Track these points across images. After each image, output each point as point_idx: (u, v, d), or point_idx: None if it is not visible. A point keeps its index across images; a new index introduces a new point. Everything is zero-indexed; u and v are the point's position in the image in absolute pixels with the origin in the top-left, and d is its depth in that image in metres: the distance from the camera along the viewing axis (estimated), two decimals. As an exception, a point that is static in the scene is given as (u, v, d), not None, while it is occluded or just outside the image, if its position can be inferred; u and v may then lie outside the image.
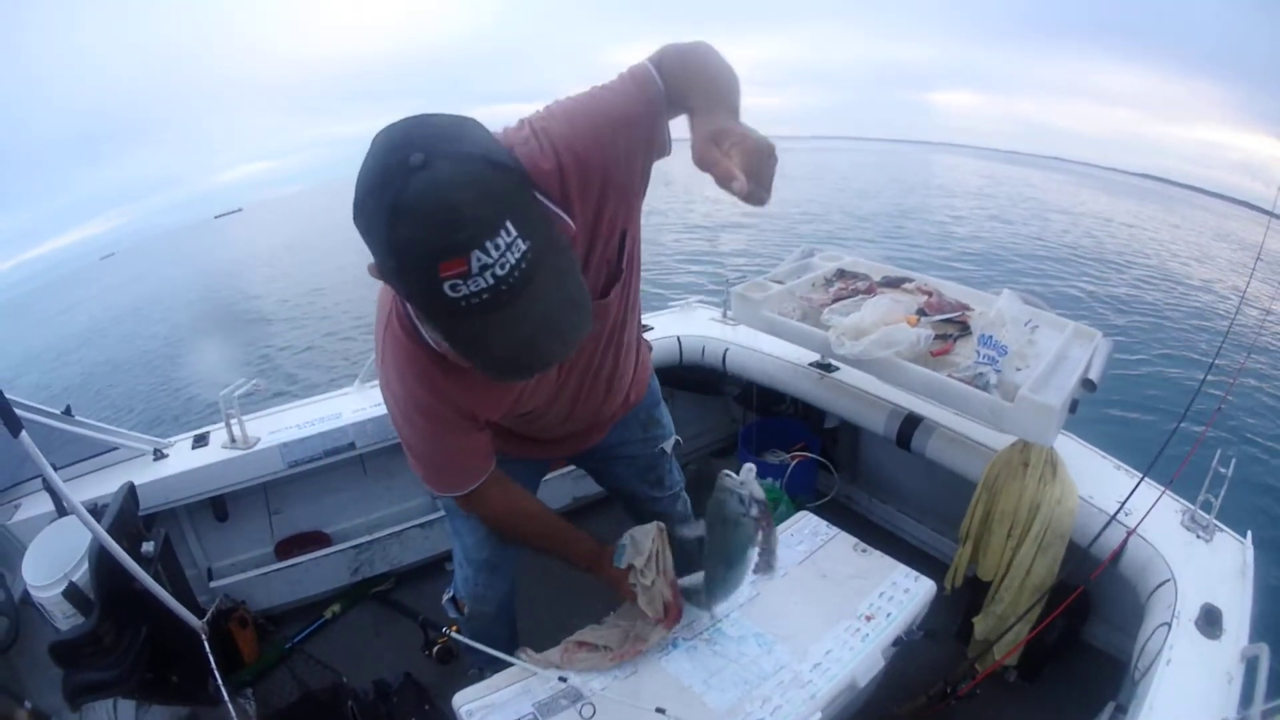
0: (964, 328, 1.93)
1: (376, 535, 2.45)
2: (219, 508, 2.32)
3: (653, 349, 1.61)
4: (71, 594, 1.47)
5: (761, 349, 2.50)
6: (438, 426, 1.12)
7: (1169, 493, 1.78)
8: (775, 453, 2.71)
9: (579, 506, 2.76)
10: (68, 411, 1.95)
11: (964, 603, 2.08)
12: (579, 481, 2.70)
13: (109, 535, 1.31)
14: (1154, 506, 1.70)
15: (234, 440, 2.19)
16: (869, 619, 1.42)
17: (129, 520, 1.66)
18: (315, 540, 2.49)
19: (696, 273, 9.44)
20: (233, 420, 2.18)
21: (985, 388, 1.69)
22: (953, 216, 17.62)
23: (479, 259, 0.71)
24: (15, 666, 1.68)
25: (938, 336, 1.88)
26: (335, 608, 2.41)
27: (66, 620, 1.49)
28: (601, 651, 1.31)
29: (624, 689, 1.27)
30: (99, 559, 1.39)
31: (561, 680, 1.26)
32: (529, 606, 1.78)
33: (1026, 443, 1.80)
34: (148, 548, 1.60)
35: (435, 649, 1.97)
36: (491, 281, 0.72)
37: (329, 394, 2.48)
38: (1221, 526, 1.73)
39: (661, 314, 2.92)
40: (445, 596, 1.70)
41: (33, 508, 1.88)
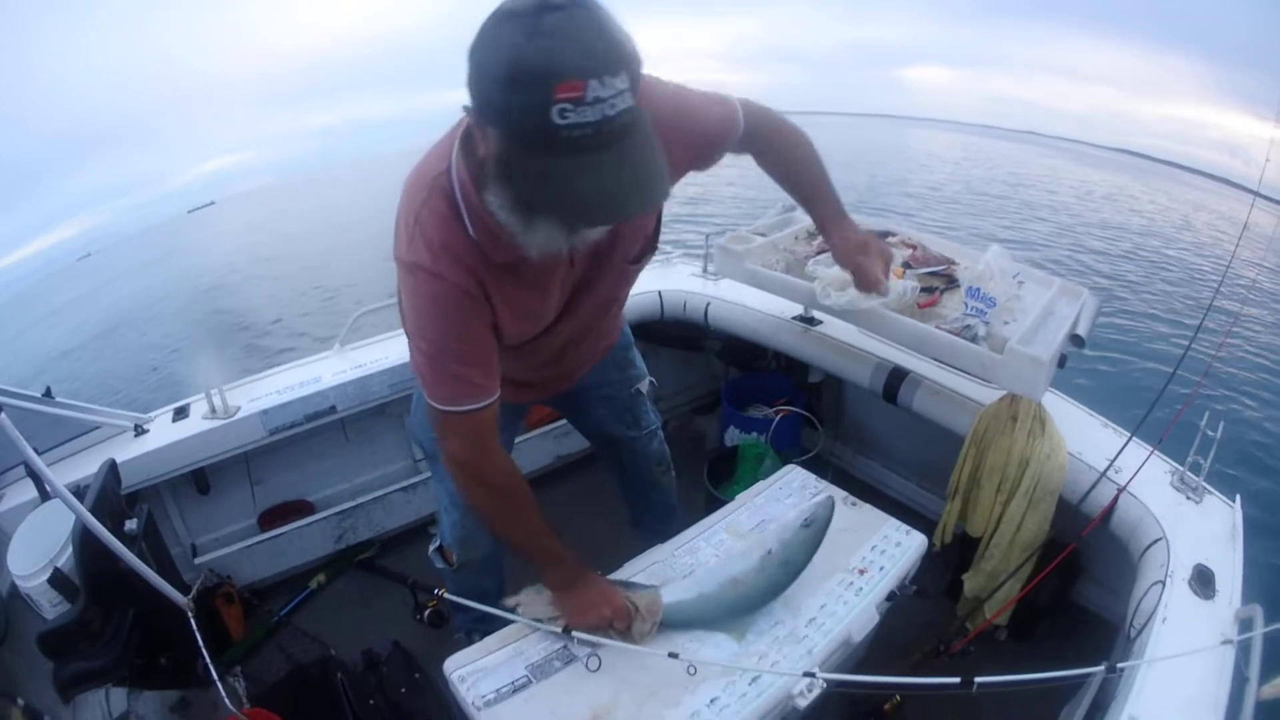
0: (950, 280, 1.91)
1: (360, 501, 2.43)
2: (201, 481, 2.28)
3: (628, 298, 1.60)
4: (57, 580, 1.44)
5: (744, 303, 2.48)
6: (455, 307, 1.08)
7: (1158, 453, 1.78)
8: (759, 407, 2.69)
9: (562, 465, 2.77)
10: (48, 393, 1.91)
11: (953, 560, 2.09)
12: (561, 440, 2.72)
13: (92, 516, 1.28)
14: (1143, 466, 1.70)
15: (214, 410, 2.15)
16: (862, 573, 1.42)
17: (111, 499, 1.62)
18: (298, 509, 2.46)
19: (678, 229, 9.30)
20: (213, 390, 2.14)
21: (973, 340, 1.67)
22: (930, 187, 17.64)
23: (594, 89, 0.75)
24: (7, 663, 1.65)
25: (924, 289, 1.86)
26: (320, 578, 2.39)
27: (54, 609, 1.46)
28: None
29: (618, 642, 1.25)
30: (83, 542, 1.35)
31: (566, 632, 1.23)
32: (517, 563, 1.76)
33: (1015, 397, 1.79)
34: (131, 525, 1.56)
35: (427, 613, 1.95)
36: (597, 118, 0.76)
37: (308, 358, 2.44)
38: (1210, 489, 1.73)
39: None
40: (432, 547, 1.69)
41: (17, 496, 1.84)
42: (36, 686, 1.55)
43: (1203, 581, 1.46)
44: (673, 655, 1.16)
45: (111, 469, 1.70)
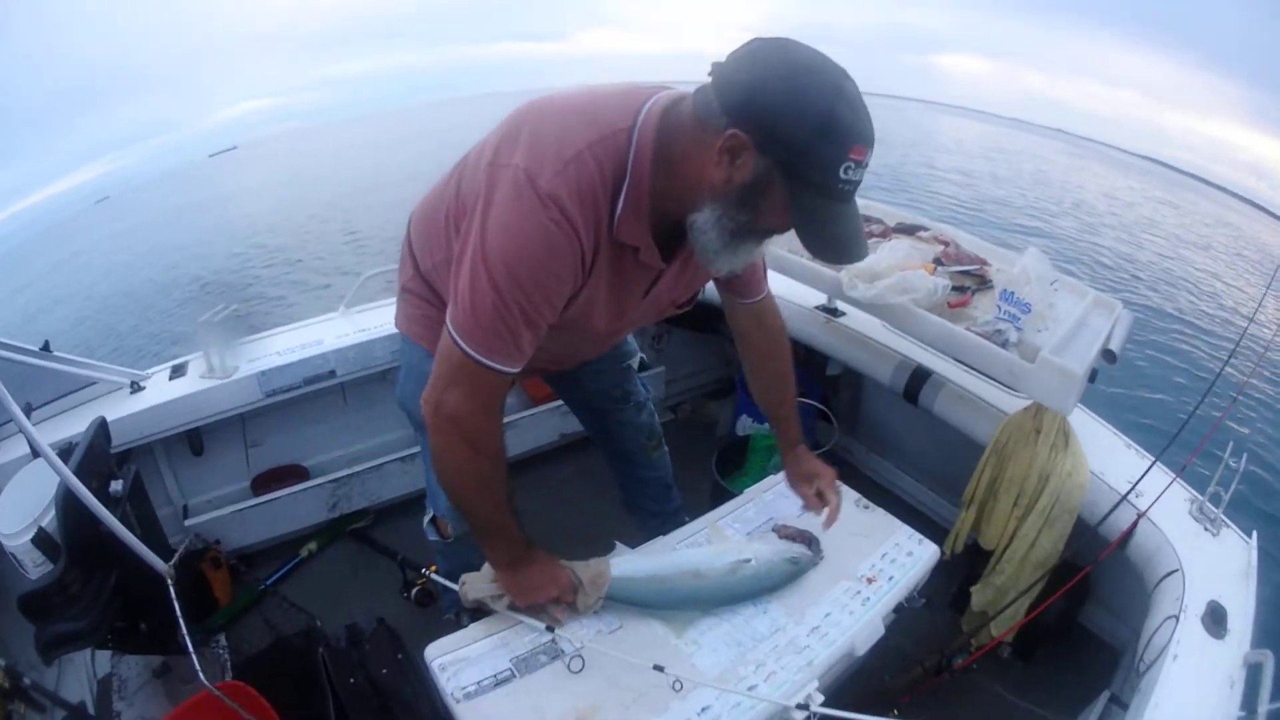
0: (982, 281, 1.83)
1: (356, 469, 2.38)
2: (195, 441, 2.24)
3: None
4: (41, 540, 1.41)
5: None
6: (561, 254, 1.01)
7: (1179, 480, 1.71)
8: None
9: (566, 443, 2.72)
10: (45, 347, 1.88)
11: (961, 570, 2.02)
12: (566, 417, 2.64)
13: (75, 476, 1.21)
14: (1164, 492, 1.63)
15: (211, 369, 2.11)
16: (870, 581, 1.36)
17: (99, 458, 1.57)
18: (293, 474, 2.42)
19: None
20: (211, 349, 2.09)
21: (1004, 345, 1.61)
22: (963, 176, 17.42)
23: (868, 157, 0.92)
24: None
25: (955, 288, 1.78)
26: (311, 546, 2.35)
27: (37, 569, 1.42)
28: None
29: (610, 643, 1.19)
30: (65, 503, 1.31)
31: (550, 630, 1.19)
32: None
33: (1040, 408, 1.71)
34: (116, 487, 1.52)
35: (414, 591, 1.90)
36: (858, 179, 0.93)
37: (312, 320, 2.39)
38: (1228, 522, 1.66)
39: None
40: (425, 518, 1.65)
41: (11, 451, 1.80)
42: (23, 647, 1.53)
43: (1215, 619, 1.39)
44: (658, 668, 1.09)
45: (101, 427, 1.64)
